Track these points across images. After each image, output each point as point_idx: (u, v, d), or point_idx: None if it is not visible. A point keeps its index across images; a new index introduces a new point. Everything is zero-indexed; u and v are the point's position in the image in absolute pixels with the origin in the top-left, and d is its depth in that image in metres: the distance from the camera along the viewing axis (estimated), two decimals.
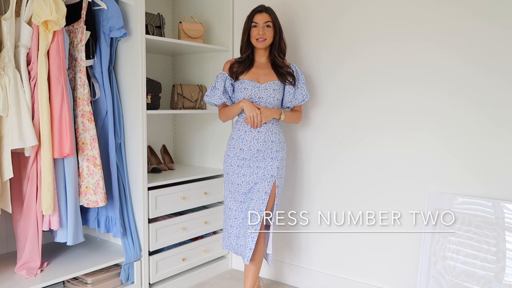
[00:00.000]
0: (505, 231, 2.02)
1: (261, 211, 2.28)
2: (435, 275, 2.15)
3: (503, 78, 2.06)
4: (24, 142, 2.01)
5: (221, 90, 2.35)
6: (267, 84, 2.34)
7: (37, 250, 2.21)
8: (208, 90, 2.40)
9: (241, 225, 2.39)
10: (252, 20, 2.34)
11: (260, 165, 2.34)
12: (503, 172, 2.08)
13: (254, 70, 2.38)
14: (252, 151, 2.33)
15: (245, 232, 2.33)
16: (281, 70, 2.38)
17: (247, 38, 2.37)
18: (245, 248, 2.29)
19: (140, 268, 2.50)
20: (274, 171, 2.34)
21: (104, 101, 2.40)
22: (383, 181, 2.44)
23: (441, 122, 2.24)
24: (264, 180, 2.33)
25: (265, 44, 2.35)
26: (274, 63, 2.40)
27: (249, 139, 2.33)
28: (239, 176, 2.37)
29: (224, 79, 2.37)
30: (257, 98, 2.33)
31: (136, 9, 2.38)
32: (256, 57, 2.42)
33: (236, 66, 2.39)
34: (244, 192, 2.37)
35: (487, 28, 2.08)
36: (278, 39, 2.37)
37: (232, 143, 2.39)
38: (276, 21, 2.37)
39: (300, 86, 2.41)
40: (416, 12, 2.27)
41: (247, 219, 2.31)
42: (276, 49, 2.38)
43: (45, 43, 2.07)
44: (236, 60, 2.43)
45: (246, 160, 2.35)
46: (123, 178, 2.47)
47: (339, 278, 2.63)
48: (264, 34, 2.32)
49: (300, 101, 2.42)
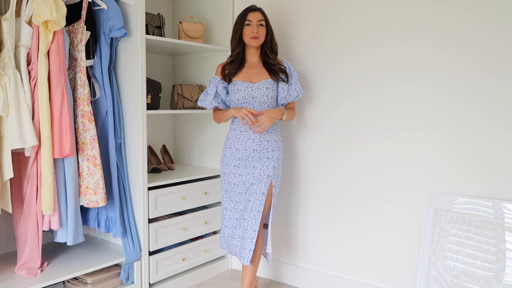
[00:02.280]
0: (505, 231, 2.02)
1: (259, 212, 2.29)
2: (435, 275, 2.15)
3: (502, 79, 2.06)
4: (24, 142, 2.02)
5: (212, 95, 2.37)
6: (260, 83, 2.34)
7: (37, 250, 2.21)
8: (201, 95, 2.42)
9: (235, 225, 2.39)
10: (246, 18, 2.35)
11: (256, 165, 2.35)
12: (503, 172, 2.08)
13: (246, 71, 2.39)
14: (248, 150, 2.34)
15: (242, 233, 2.33)
16: (273, 67, 2.38)
17: (239, 36, 2.38)
18: (243, 249, 2.29)
19: (140, 268, 2.50)
20: (270, 171, 2.35)
21: (104, 101, 2.40)
22: (383, 181, 2.44)
23: (441, 122, 2.24)
24: (261, 181, 2.34)
25: (258, 42, 2.36)
26: (265, 62, 2.40)
27: (245, 139, 2.34)
28: (235, 176, 2.37)
29: (216, 84, 2.38)
30: (251, 98, 2.33)
31: (136, 9, 2.38)
32: (248, 56, 2.42)
33: (227, 68, 2.40)
34: (240, 192, 2.37)
35: (487, 28, 2.08)
36: (270, 38, 2.40)
37: (228, 143, 2.40)
38: (268, 21, 2.40)
39: (293, 83, 2.41)
40: (415, 12, 2.27)
41: (243, 220, 2.32)
42: (268, 48, 2.40)
43: (45, 43, 2.07)
44: (228, 61, 2.44)
45: (242, 160, 2.35)
46: (123, 178, 2.47)
47: (339, 278, 2.63)
48: (257, 33, 2.33)
49: (294, 97, 2.43)
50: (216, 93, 2.38)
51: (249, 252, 2.27)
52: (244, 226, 2.30)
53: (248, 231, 2.29)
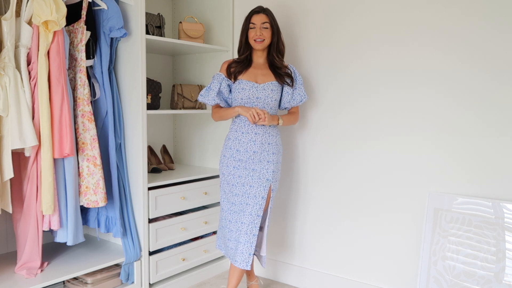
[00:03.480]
0: (505, 231, 2.02)
1: (258, 216, 2.28)
2: (435, 275, 2.15)
3: (503, 80, 2.06)
4: (24, 142, 2.01)
5: (215, 91, 2.35)
6: (265, 85, 2.34)
7: (37, 250, 2.21)
8: (203, 90, 2.40)
9: (231, 228, 2.36)
10: (250, 21, 2.34)
11: (256, 167, 2.33)
12: (503, 172, 2.08)
13: (252, 70, 2.38)
14: (249, 152, 2.32)
15: (237, 236, 2.31)
16: (279, 71, 2.38)
17: (245, 39, 2.37)
18: (240, 253, 2.27)
19: (140, 268, 2.50)
20: (270, 175, 2.33)
21: (104, 101, 2.40)
22: (383, 181, 2.44)
23: (441, 122, 2.24)
24: (260, 185, 2.31)
25: (263, 45, 2.34)
26: (272, 64, 2.39)
27: (246, 141, 2.32)
28: (234, 177, 2.35)
29: (220, 81, 2.36)
30: (255, 98, 2.32)
31: (136, 9, 2.38)
32: (254, 58, 2.41)
33: (234, 66, 2.38)
34: (237, 193, 2.34)
35: (489, 32, 2.08)
36: (276, 40, 2.37)
37: (228, 144, 2.38)
38: (274, 22, 2.36)
39: (298, 87, 2.41)
40: (418, 16, 2.27)
41: (241, 223, 2.30)
42: (275, 50, 2.38)
43: (45, 43, 2.07)
44: (234, 60, 2.42)
45: (242, 161, 2.33)
46: (123, 178, 2.47)
47: (338, 278, 2.63)
48: (261, 35, 2.31)
49: (298, 101, 2.43)
50: (219, 90, 2.36)
51: (248, 256, 2.26)
52: (242, 230, 2.29)
53: (247, 235, 2.27)
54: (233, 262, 2.31)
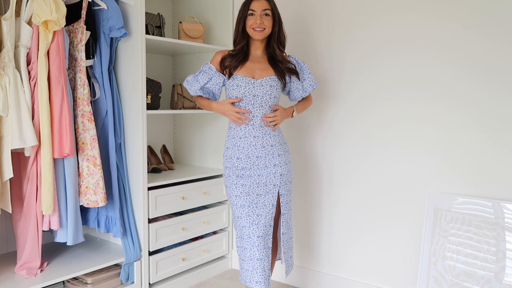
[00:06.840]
0: (505, 231, 2.02)
1: (270, 226, 2.11)
2: (435, 275, 2.15)
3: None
4: (24, 142, 2.01)
5: (201, 85, 2.14)
6: (263, 80, 2.08)
7: (37, 250, 2.21)
8: (190, 76, 2.20)
9: (244, 246, 2.10)
10: (249, 7, 2.07)
11: (262, 173, 2.11)
12: (503, 172, 2.08)
13: (248, 64, 2.11)
14: (252, 158, 2.10)
15: (251, 255, 2.06)
16: (281, 65, 2.13)
17: (243, 27, 2.10)
18: (262, 274, 2.04)
19: (140, 268, 2.50)
20: (277, 180, 2.12)
21: (104, 101, 2.40)
22: (383, 181, 2.44)
23: (441, 122, 2.24)
24: (268, 192, 2.11)
25: (263, 35, 2.09)
26: (272, 57, 2.14)
27: (246, 146, 2.10)
28: (237, 186, 2.11)
29: (209, 76, 2.13)
30: (251, 96, 2.07)
31: (136, 9, 2.38)
32: (252, 49, 2.15)
33: (228, 61, 2.11)
34: (243, 205, 2.10)
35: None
36: (278, 29, 2.12)
37: (227, 153, 2.16)
38: (275, 10, 2.11)
39: (306, 77, 2.20)
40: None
41: (255, 237, 2.06)
42: (275, 41, 2.13)
43: (45, 43, 2.07)
44: (229, 53, 2.15)
45: (246, 169, 2.11)
46: (123, 178, 2.47)
47: (338, 278, 2.63)
48: (262, 24, 2.06)
49: (310, 90, 2.23)
50: (205, 85, 2.15)
51: (266, 272, 2.04)
52: (255, 244, 2.05)
53: (264, 250, 2.05)
54: (249, 285, 2.05)
